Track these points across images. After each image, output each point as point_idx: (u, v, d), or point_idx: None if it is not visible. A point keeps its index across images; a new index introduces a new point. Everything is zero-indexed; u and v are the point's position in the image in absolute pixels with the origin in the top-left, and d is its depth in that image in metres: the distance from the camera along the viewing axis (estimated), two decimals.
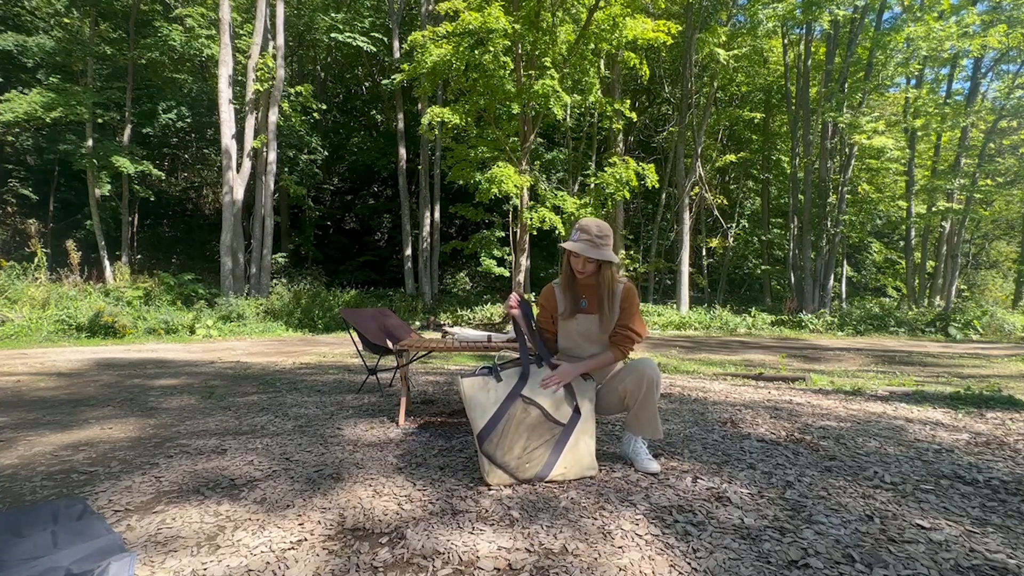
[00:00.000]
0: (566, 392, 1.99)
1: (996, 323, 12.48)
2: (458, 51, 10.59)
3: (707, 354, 7.45)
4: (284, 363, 5.69)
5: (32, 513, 1.58)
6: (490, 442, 1.87)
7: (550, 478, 1.91)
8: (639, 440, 2.11)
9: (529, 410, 1.92)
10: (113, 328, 8.97)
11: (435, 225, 17.00)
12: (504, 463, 1.87)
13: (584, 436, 1.96)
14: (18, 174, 16.67)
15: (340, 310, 3.61)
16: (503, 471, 1.87)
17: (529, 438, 1.90)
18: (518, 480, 1.89)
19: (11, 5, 15.38)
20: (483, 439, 1.87)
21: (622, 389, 2.04)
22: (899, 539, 1.46)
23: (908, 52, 14.49)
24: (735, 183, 22.23)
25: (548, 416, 1.93)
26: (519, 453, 1.88)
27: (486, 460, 1.87)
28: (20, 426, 2.80)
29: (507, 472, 1.87)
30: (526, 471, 1.88)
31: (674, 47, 15.92)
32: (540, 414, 1.92)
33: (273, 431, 2.68)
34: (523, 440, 1.89)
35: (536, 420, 1.92)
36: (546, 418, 1.93)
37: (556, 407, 1.95)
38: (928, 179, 17.30)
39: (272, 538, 1.47)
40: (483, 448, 1.87)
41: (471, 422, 1.91)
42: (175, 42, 14.63)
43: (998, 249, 26.14)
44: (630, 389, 2.02)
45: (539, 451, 1.91)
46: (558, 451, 1.92)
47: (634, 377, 2.01)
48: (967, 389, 3.77)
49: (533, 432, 1.90)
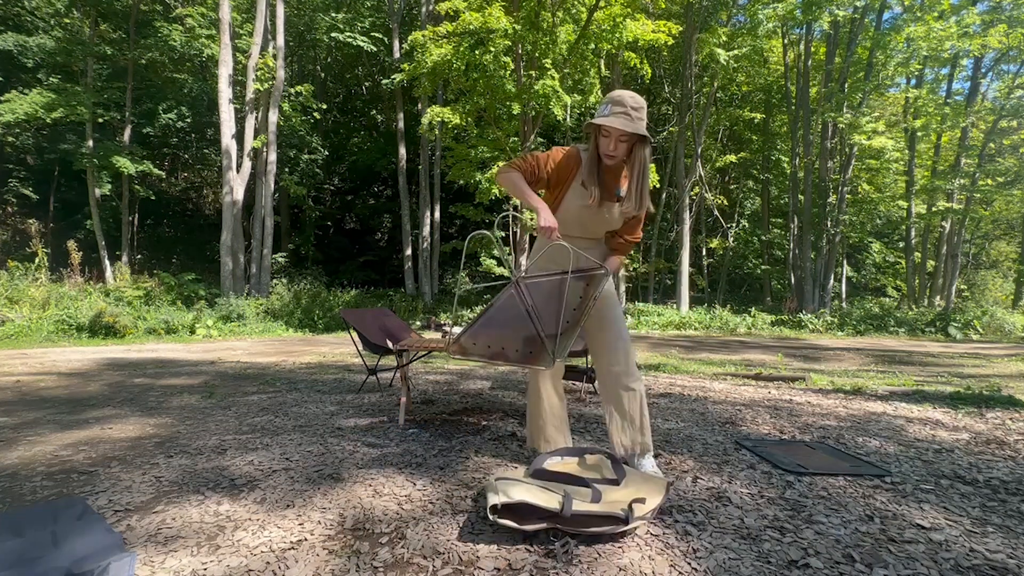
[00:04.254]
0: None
1: (996, 323, 12.48)
2: (458, 51, 10.59)
3: (707, 354, 7.45)
4: (284, 363, 5.69)
5: (32, 513, 1.58)
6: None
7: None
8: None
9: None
10: (113, 328, 8.97)
11: (435, 225, 17.00)
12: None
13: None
14: (18, 174, 16.67)
15: (340, 310, 3.61)
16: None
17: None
18: None
19: (11, 5, 15.39)
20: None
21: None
22: (899, 539, 1.46)
23: (908, 52, 14.49)
24: (735, 183, 22.23)
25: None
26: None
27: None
28: (20, 426, 2.80)
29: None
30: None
31: (674, 47, 15.91)
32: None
33: (273, 431, 2.68)
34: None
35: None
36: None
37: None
38: (928, 179, 17.31)
39: (272, 538, 1.47)
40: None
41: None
42: (175, 42, 14.64)
43: (998, 249, 26.13)
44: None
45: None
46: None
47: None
48: (967, 389, 3.76)
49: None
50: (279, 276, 15.03)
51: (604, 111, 1.80)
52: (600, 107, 1.85)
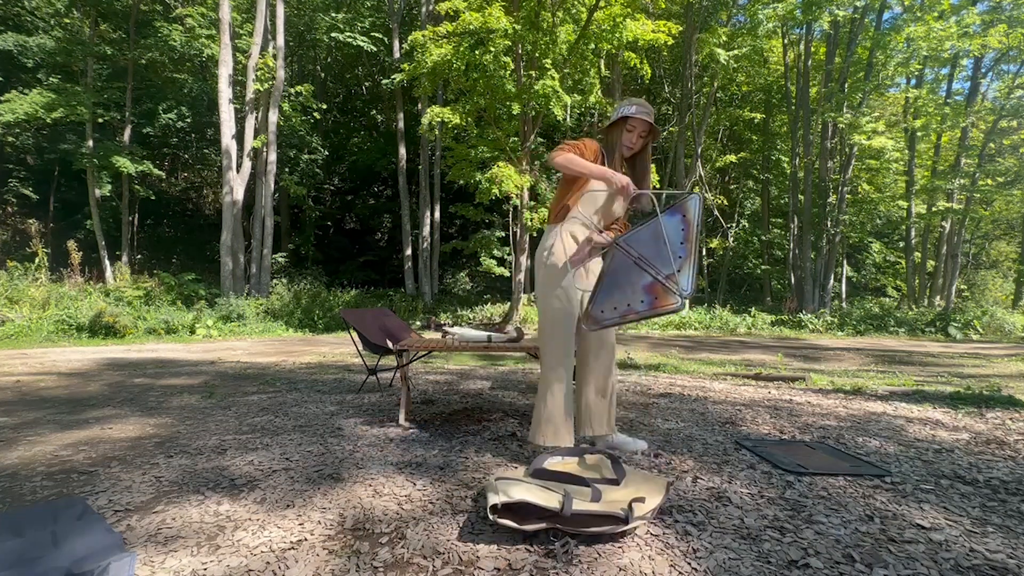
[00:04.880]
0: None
1: (996, 323, 12.48)
2: (458, 51, 10.59)
3: (707, 354, 7.44)
4: (284, 363, 5.69)
5: (32, 513, 1.58)
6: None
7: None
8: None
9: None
10: (114, 328, 8.97)
11: (435, 225, 16.99)
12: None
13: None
14: (18, 174, 16.67)
15: (340, 310, 3.61)
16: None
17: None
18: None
19: (11, 5, 15.39)
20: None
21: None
22: (899, 539, 1.46)
23: (908, 52, 14.48)
24: (735, 183, 22.23)
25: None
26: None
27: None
28: (20, 426, 2.80)
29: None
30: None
31: (674, 47, 15.91)
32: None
33: (273, 431, 2.68)
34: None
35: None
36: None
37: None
38: (928, 179, 17.30)
39: (272, 538, 1.47)
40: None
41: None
42: (175, 42, 14.63)
43: (998, 249, 26.11)
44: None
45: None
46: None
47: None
48: (967, 389, 3.77)
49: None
50: (279, 276, 15.03)
51: (629, 109, 2.06)
52: (621, 107, 2.11)
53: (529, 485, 1.57)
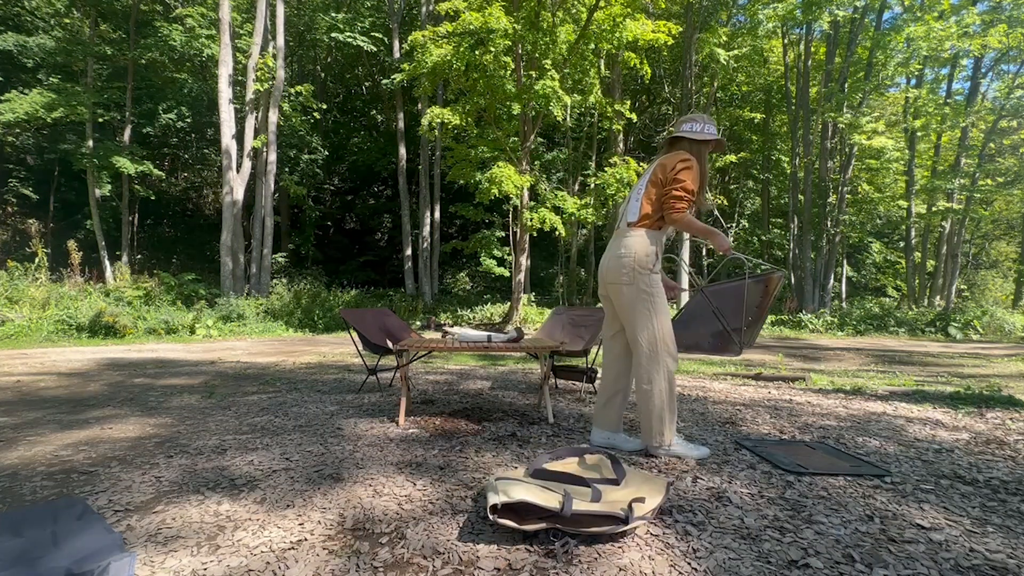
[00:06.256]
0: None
1: (996, 323, 12.47)
2: (458, 51, 10.59)
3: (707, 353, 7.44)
4: (284, 363, 5.69)
5: (32, 513, 1.58)
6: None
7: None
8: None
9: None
10: (114, 328, 8.97)
11: (435, 225, 17.00)
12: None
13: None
14: (18, 174, 16.68)
15: (340, 310, 3.61)
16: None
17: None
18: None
19: (11, 5, 15.39)
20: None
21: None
22: (899, 539, 1.46)
23: (908, 52, 14.48)
24: (735, 183, 22.23)
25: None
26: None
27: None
28: (20, 426, 2.80)
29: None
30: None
31: (674, 47, 15.91)
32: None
33: (273, 431, 2.68)
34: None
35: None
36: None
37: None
38: (928, 179, 17.29)
39: (272, 538, 1.47)
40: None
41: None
42: (175, 42, 14.63)
43: (998, 249, 26.13)
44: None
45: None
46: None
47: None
48: (967, 389, 3.77)
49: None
50: (279, 276, 15.04)
51: (711, 130, 2.20)
52: (704, 126, 2.22)
53: (529, 485, 1.57)
